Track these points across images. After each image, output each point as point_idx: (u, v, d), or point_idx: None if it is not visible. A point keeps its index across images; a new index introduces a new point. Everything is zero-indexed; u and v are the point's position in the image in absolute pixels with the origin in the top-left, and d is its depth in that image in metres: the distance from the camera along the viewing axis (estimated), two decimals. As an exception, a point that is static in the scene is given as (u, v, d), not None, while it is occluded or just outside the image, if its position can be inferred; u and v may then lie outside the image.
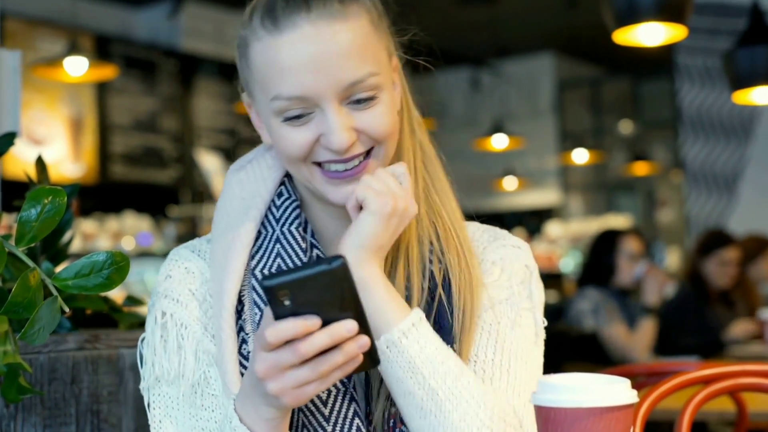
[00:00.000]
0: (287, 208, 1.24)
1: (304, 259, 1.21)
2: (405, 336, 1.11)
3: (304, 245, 1.22)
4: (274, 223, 1.24)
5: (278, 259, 1.21)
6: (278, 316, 0.98)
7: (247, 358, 1.17)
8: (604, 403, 0.95)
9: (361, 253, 1.13)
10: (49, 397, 1.53)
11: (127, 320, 1.75)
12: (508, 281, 1.26)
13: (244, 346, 1.18)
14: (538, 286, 1.28)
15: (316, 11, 1.12)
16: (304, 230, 1.24)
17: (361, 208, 1.15)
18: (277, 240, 1.22)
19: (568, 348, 4.55)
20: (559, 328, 5.22)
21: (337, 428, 1.15)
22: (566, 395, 0.96)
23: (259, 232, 1.24)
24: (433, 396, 1.10)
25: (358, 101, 1.14)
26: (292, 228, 1.22)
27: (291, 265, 1.20)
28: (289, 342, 0.98)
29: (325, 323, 0.97)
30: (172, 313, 1.21)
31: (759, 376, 1.64)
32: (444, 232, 1.24)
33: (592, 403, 0.94)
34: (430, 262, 1.22)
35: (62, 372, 1.55)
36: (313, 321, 0.97)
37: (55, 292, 1.21)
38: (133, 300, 1.82)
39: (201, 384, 1.19)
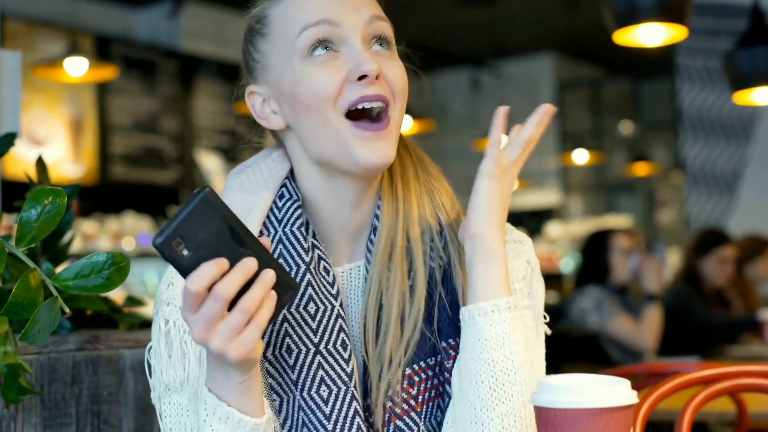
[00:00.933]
0: (289, 208, 1.24)
1: (306, 260, 1.21)
2: (509, 309, 1.13)
3: (306, 245, 1.21)
4: (276, 223, 1.24)
5: (280, 260, 1.21)
6: (187, 271, 1.00)
7: None
8: (604, 404, 0.95)
9: (492, 222, 1.15)
10: (50, 398, 1.53)
11: (127, 321, 1.75)
12: (510, 277, 1.25)
13: None
14: (539, 282, 1.28)
15: None
16: (306, 231, 1.24)
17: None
18: (280, 241, 1.22)
19: (568, 349, 4.55)
20: (560, 329, 5.22)
21: (338, 427, 1.15)
22: (566, 396, 0.96)
23: (262, 232, 1.24)
24: (512, 372, 1.12)
25: (380, 42, 1.18)
26: (294, 228, 1.22)
27: (293, 266, 1.20)
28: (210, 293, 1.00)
29: (230, 257, 1.00)
30: (175, 320, 1.21)
31: (759, 376, 1.64)
32: (448, 229, 1.24)
33: (592, 404, 0.94)
34: (431, 259, 1.22)
35: (62, 372, 1.55)
36: (222, 261, 0.99)
37: (55, 293, 1.21)
38: (133, 301, 1.82)
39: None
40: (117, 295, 1.70)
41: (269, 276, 1.01)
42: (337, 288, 1.21)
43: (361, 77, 1.15)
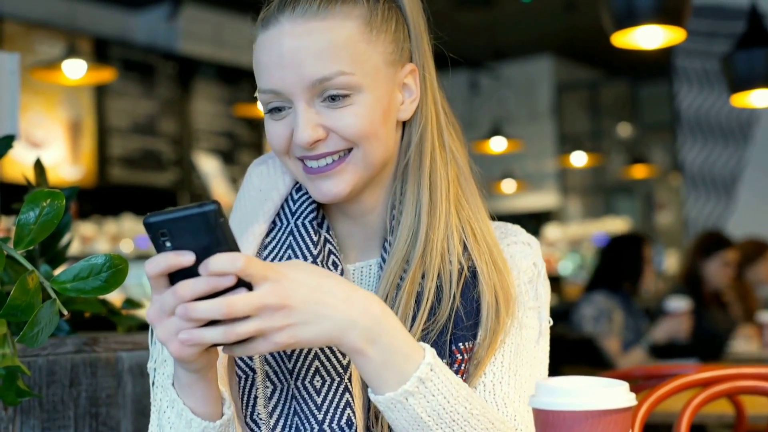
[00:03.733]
0: (304, 202, 1.27)
1: (315, 252, 1.22)
2: (411, 395, 1.06)
3: (316, 238, 1.23)
4: (289, 216, 1.26)
5: (289, 251, 1.23)
6: None
7: None
8: (603, 406, 0.95)
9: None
10: (48, 400, 1.53)
11: (125, 323, 1.75)
12: (517, 279, 1.27)
13: None
14: (545, 284, 1.29)
15: (299, 10, 1.17)
16: (320, 225, 1.26)
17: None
18: (290, 232, 1.25)
19: (567, 351, 4.54)
20: (558, 331, 5.22)
21: (328, 417, 1.16)
22: (565, 398, 0.96)
23: (274, 224, 1.27)
24: None
25: (332, 99, 1.17)
26: (306, 221, 1.25)
27: (301, 257, 1.22)
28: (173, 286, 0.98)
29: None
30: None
31: (757, 378, 1.64)
32: (476, 246, 1.24)
33: (591, 406, 0.94)
34: (450, 263, 1.22)
35: (61, 375, 1.55)
36: (187, 257, 0.97)
37: (53, 295, 1.21)
38: (131, 303, 1.81)
39: None
40: (115, 297, 1.70)
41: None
42: None
43: None
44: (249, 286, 0.99)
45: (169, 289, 0.98)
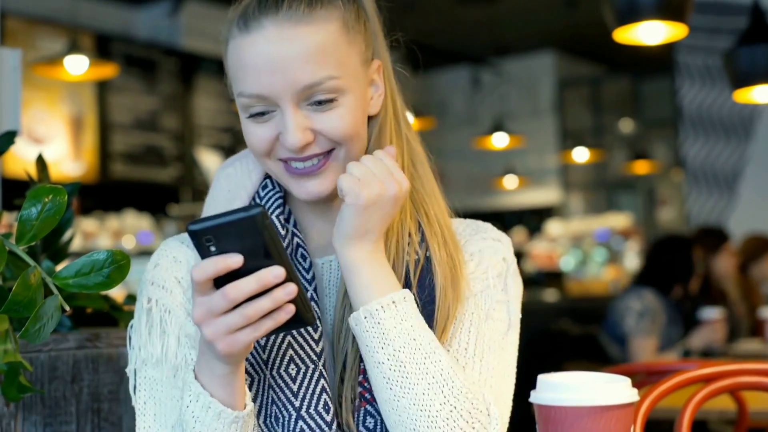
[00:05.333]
0: (270, 198, 1.29)
1: (284, 245, 1.22)
2: (383, 309, 1.15)
3: (283, 232, 1.25)
4: None
5: None
6: None
7: None
8: (605, 402, 0.95)
9: (346, 240, 1.17)
10: (50, 396, 1.53)
11: (127, 319, 1.75)
12: (485, 273, 1.29)
13: None
14: (515, 279, 1.31)
15: (283, 13, 1.16)
16: (287, 220, 1.28)
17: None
18: None
19: (569, 347, 4.55)
20: (560, 327, 5.22)
21: (305, 403, 1.18)
22: (567, 394, 0.96)
23: None
24: (401, 368, 1.14)
25: (318, 103, 1.18)
26: (273, 217, 1.26)
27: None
28: (221, 289, 1.02)
29: (254, 271, 1.01)
30: (157, 299, 1.25)
31: (759, 374, 1.64)
32: (429, 228, 1.27)
33: (593, 401, 0.95)
34: (407, 254, 1.25)
35: (63, 371, 1.55)
36: (235, 259, 1.01)
37: (55, 291, 1.21)
38: (133, 299, 1.82)
39: (183, 367, 1.22)
40: (117, 293, 1.70)
41: (285, 291, 1.03)
42: (313, 274, 1.25)
43: None
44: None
45: (217, 292, 1.02)
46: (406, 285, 1.23)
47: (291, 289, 1.03)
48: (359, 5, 1.25)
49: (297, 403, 1.18)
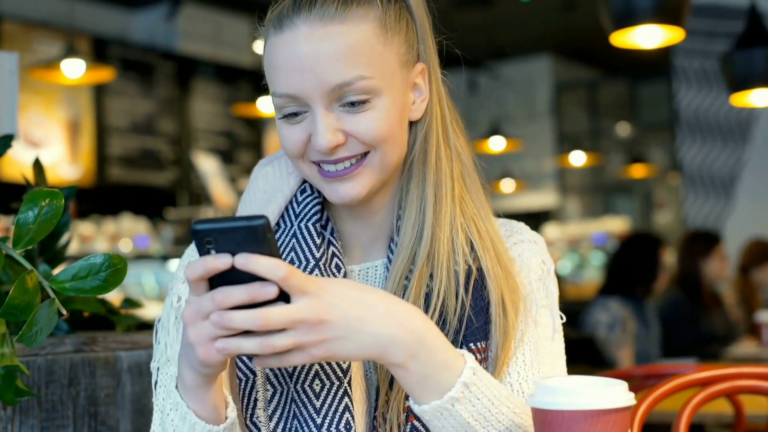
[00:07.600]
0: (308, 204, 1.26)
1: (317, 255, 1.22)
2: (457, 400, 1.07)
3: (319, 241, 1.23)
4: (293, 218, 1.26)
5: (291, 253, 1.23)
6: None
7: None
8: (602, 406, 0.95)
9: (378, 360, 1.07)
10: (47, 400, 1.53)
11: (124, 323, 1.75)
12: (527, 278, 1.27)
13: None
14: (554, 281, 1.30)
15: (316, 12, 1.15)
16: (324, 227, 1.26)
17: None
18: (294, 235, 1.24)
19: (566, 350, 4.52)
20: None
21: (326, 420, 1.16)
22: (564, 397, 0.96)
23: (278, 226, 1.26)
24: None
25: (351, 104, 1.16)
26: (309, 224, 1.24)
27: (303, 260, 1.22)
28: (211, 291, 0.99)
29: (247, 281, 0.99)
30: (187, 298, 1.22)
31: (756, 378, 1.64)
32: (480, 243, 1.24)
33: (590, 405, 0.95)
34: (456, 264, 1.22)
35: (59, 374, 1.55)
36: (224, 260, 0.97)
37: (52, 295, 1.21)
38: (130, 302, 1.82)
39: None
40: (114, 296, 1.70)
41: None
42: None
43: None
44: (287, 299, 0.99)
45: (207, 294, 0.99)
46: (447, 295, 1.20)
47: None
48: (403, 6, 1.23)
49: (319, 420, 1.16)
